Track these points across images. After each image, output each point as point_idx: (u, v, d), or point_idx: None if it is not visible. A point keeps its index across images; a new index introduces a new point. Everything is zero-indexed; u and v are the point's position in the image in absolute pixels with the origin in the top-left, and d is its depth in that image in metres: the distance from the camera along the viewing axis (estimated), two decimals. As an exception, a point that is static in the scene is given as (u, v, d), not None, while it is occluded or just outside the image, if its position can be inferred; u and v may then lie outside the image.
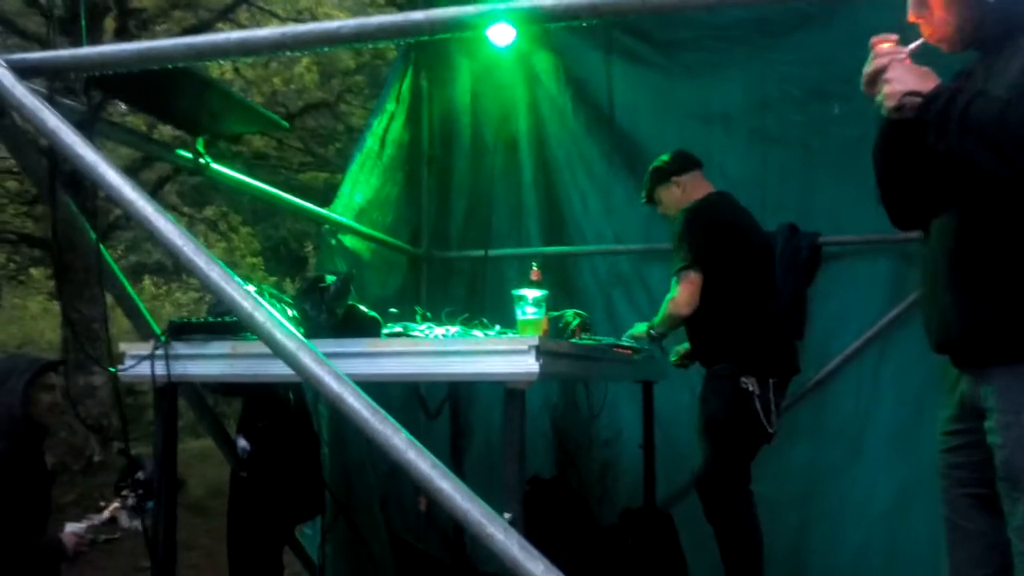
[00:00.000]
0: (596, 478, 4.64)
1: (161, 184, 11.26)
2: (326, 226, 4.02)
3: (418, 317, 2.82)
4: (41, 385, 3.01)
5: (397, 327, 2.61)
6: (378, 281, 4.42)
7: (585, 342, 2.97)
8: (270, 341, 1.74)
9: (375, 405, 1.66)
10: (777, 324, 3.50)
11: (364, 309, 2.54)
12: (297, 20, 10.84)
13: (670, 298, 3.36)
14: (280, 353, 1.73)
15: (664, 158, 3.64)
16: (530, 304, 2.51)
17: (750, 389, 3.24)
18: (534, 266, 2.90)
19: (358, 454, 3.84)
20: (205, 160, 2.97)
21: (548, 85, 4.87)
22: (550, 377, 2.21)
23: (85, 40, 7.54)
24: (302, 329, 2.39)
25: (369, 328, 2.48)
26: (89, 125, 2.30)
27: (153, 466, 2.66)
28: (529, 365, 2.10)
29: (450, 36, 1.94)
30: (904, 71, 1.83)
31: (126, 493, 2.87)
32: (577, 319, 3.12)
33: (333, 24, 1.86)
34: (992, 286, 1.88)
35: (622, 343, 3.35)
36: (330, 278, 2.52)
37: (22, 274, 13.86)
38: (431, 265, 5.00)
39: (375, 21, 1.88)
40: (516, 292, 2.55)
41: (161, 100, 2.77)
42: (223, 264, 1.78)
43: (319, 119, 13.35)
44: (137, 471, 2.85)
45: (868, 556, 4.07)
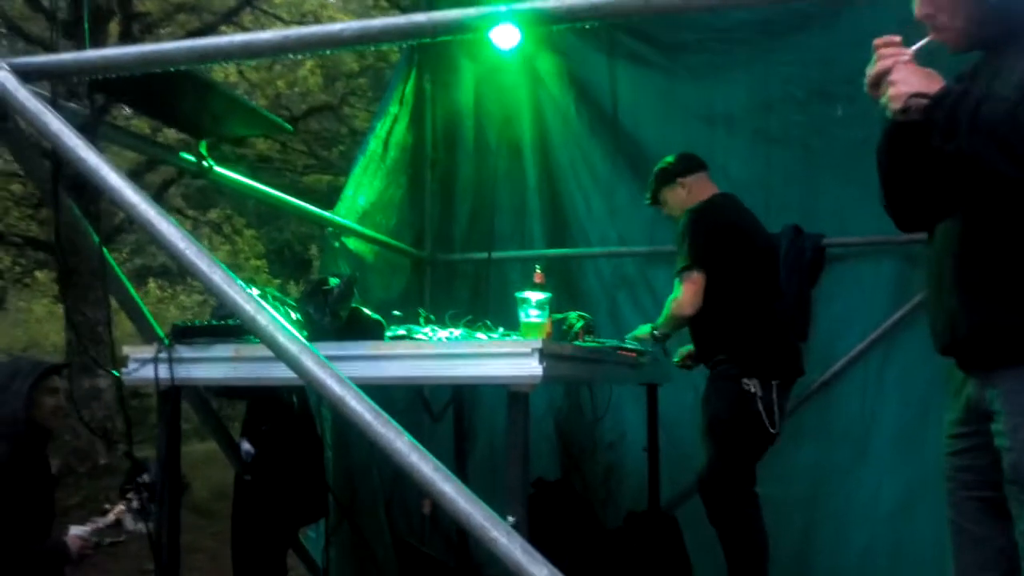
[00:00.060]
0: (600, 481, 4.63)
1: (166, 187, 11.28)
2: (329, 229, 4.02)
3: (422, 320, 2.82)
4: (45, 388, 3.02)
5: (401, 330, 2.61)
6: (382, 284, 4.42)
7: (589, 345, 2.97)
8: (272, 344, 1.73)
9: (377, 408, 1.66)
10: (781, 326, 3.50)
11: (368, 312, 2.54)
12: (301, 23, 10.86)
13: (673, 299, 3.36)
14: (282, 356, 1.73)
15: (669, 159, 3.64)
16: (533, 307, 2.50)
17: (752, 391, 3.23)
18: (537, 269, 2.89)
19: (362, 457, 3.84)
20: (208, 163, 2.97)
21: (551, 87, 4.87)
22: (553, 380, 2.20)
23: (88, 43, 7.57)
24: (306, 332, 2.39)
25: (372, 331, 2.48)
26: (92, 128, 2.31)
27: (157, 469, 2.66)
28: (532, 368, 2.09)
29: (453, 38, 1.93)
30: (909, 72, 1.82)
31: (131, 496, 2.87)
32: (581, 322, 3.12)
33: (335, 27, 1.86)
34: (998, 288, 1.87)
35: (626, 345, 3.35)
36: (333, 281, 2.52)
37: (27, 277, 13.88)
38: (435, 268, 5.00)
39: (377, 24, 1.87)
40: (519, 295, 2.55)
41: (164, 103, 2.77)
42: (225, 267, 1.78)
43: (323, 122, 13.37)
44: (142, 474, 2.85)
45: (873, 557, 4.06)
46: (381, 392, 2.01)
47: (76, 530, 2.93)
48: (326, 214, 3.98)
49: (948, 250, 1.98)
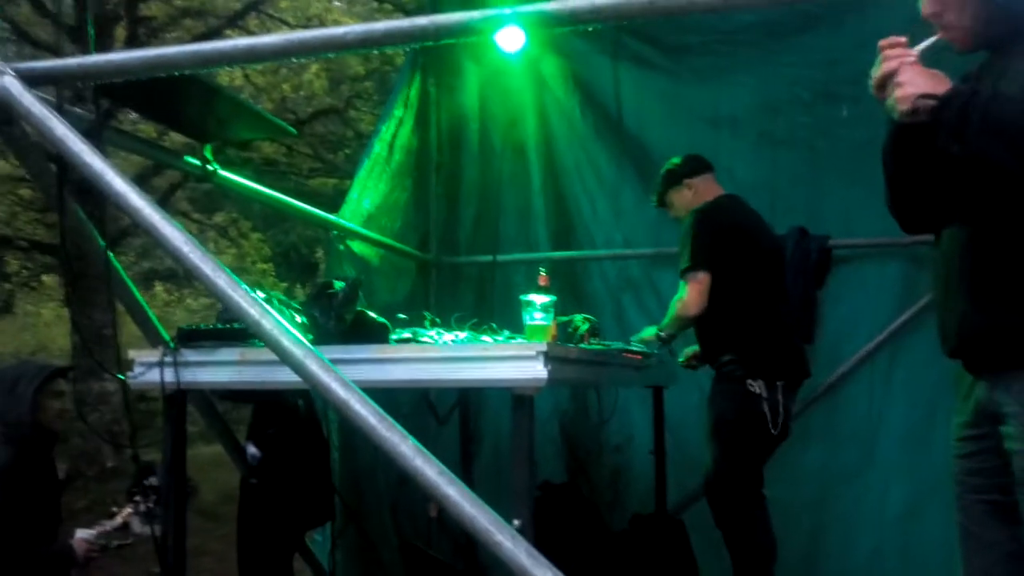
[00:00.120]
0: (607, 484, 4.62)
1: (172, 191, 11.29)
2: (334, 232, 4.02)
3: (427, 323, 2.82)
4: (50, 392, 3.02)
5: (406, 333, 2.61)
6: (387, 287, 4.42)
7: (594, 347, 2.96)
8: (277, 348, 1.73)
9: (382, 412, 1.65)
10: (786, 327, 3.49)
11: (373, 315, 2.54)
12: (307, 27, 10.86)
13: (678, 299, 3.36)
14: (287, 360, 1.73)
15: (675, 161, 3.63)
16: (538, 309, 2.50)
17: (757, 392, 3.22)
18: (542, 271, 2.89)
19: (368, 460, 3.84)
20: (213, 167, 2.97)
21: (556, 90, 4.87)
22: (558, 383, 2.19)
23: (93, 48, 7.59)
24: (311, 335, 2.40)
25: (378, 334, 2.48)
26: (96, 133, 2.31)
27: (164, 472, 2.66)
28: (537, 371, 2.09)
29: (455, 42, 1.93)
30: (915, 74, 1.80)
31: (138, 499, 2.87)
32: (586, 324, 3.11)
33: (339, 30, 1.85)
34: (1009, 290, 1.85)
35: (632, 348, 3.34)
36: (339, 284, 2.52)
37: (35, 281, 13.93)
38: (440, 271, 5.00)
39: (381, 27, 1.87)
40: (524, 297, 2.55)
41: (169, 107, 2.78)
42: (229, 270, 1.78)
43: (328, 125, 13.40)
44: (149, 477, 2.85)
45: (881, 560, 4.04)
46: (386, 395, 2.01)
47: (82, 533, 2.93)
48: (331, 217, 3.98)
49: (957, 252, 1.96)
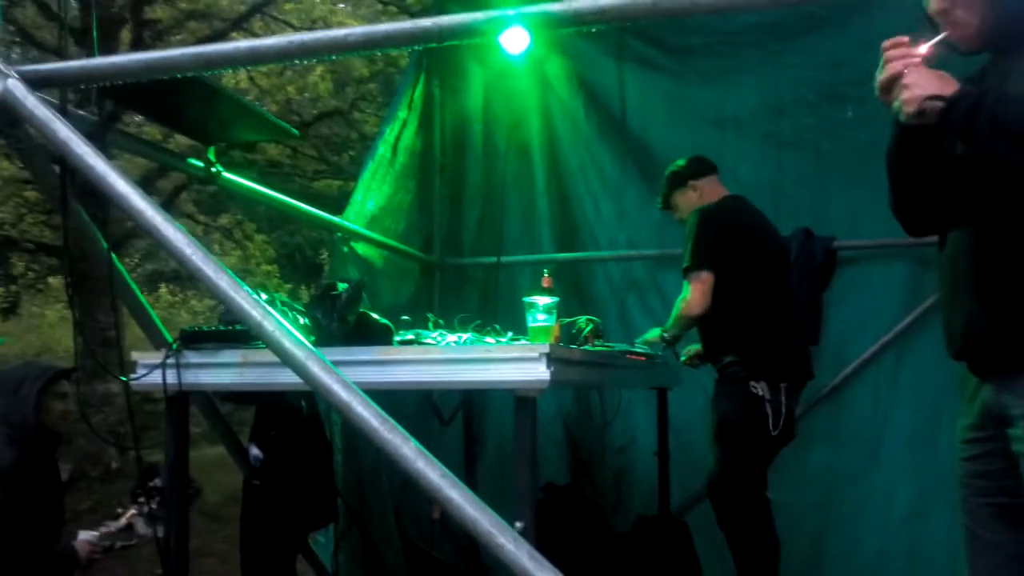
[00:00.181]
0: (610, 485, 4.62)
1: (177, 193, 11.32)
2: (338, 234, 4.02)
3: (430, 324, 2.82)
4: (53, 393, 3.02)
5: (409, 334, 2.61)
6: (390, 288, 4.43)
7: (598, 349, 2.96)
8: (279, 350, 1.73)
9: (384, 414, 1.65)
10: (790, 329, 3.47)
11: (376, 317, 2.54)
12: (311, 29, 10.86)
13: (682, 299, 3.35)
14: (289, 362, 1.72)
15: (680, 162, 3.63)
16: (541, 311, 2.50)
17: (760, 393, 3.21)
18: (546, 273, 2.88)
19: (371, 462, 3.83)
20: (217, 169, 2.98)
21: (560, 91, 4.87)
22: (562, 385, 2.19)
23: (98, 51, 7.59)
24: (313, 337, 2.39)
25: (381, 336, 2.48)
26: (100, 135, 2.31)
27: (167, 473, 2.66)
28: (540, 373, 2.09)
29: (459, 43, 1.92)
30: (921, 75, 1.79)
31: (142, 500, 2.87)
32: (590, 325, 3.11)
33: (341, 32, 1.85)
34: (1014, 292, 1.84)
35: (635, 350, 3.33)
36: (342, 286, 2.52)
37: (40, 283, 13.96)
38: (443, 272, 5.00)
39: (383, 29, 1.87)
40: (527, 299, 2.54)
41: (172, 109, 2.78)
42: (231, 272, 1.77)
43: (333, 127, 13.41)
44: (153, 478, 2.85)
45: (886, 562, 4.03)
46: (390, 397, 2.01)
47: (85, 535, 2.93)
48: (335, 219, 3.99)
49: (963, 253, 1.95)
